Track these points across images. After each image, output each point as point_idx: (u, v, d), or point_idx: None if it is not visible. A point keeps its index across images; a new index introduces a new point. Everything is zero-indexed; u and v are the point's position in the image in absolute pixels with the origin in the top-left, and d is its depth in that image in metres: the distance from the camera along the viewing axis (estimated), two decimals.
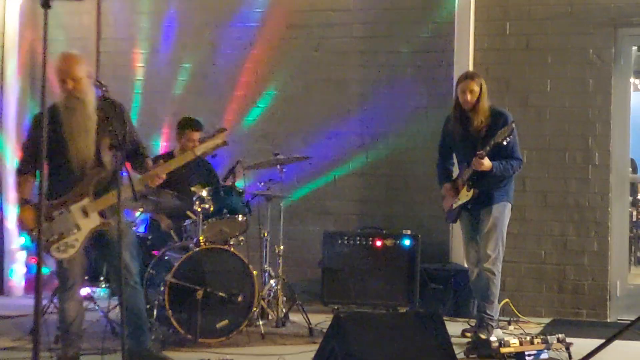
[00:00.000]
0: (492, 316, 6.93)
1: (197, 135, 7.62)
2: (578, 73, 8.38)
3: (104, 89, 5.54)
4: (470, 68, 8.45)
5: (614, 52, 8.34)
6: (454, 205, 7.06)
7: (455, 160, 7.30)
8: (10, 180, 9.10)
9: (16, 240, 9.19)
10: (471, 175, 6.88)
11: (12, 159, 9.15)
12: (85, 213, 5.74)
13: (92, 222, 5.75)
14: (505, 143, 6.71)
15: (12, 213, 9.11)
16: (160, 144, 9.25)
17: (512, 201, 7.07)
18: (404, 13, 8.86)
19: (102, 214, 5.77)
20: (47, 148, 5.53)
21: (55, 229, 5.69)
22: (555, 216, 8.41)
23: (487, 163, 6.75)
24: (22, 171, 5.81)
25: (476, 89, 6.87)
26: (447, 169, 7.27)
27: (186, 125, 7.74)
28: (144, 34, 9.45)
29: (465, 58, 8.50)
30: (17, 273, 9.20)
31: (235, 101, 9.19)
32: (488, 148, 6.71)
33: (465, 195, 6.95)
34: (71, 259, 5.75)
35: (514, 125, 6.79)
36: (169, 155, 7.12)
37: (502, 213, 6.95)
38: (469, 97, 6.88)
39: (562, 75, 8.42)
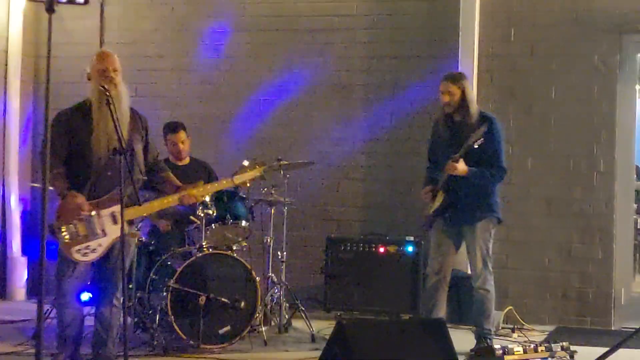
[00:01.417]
0: (490, 330, 6.85)
1: (179, 137, 7.66)
2: (583, 80, 8.36)
3: (107, 94, 5.54)
4: (475, 74, 8.45)
5: (619, 59, 8.32)
6: (430, 211, 6.84)
7: None
8: (12, 185, 9.10)
9: (18, 245, 9.18)
10: (446, 180, 6.67)
11: (15, 164, 9.15)
12: (115, 220, 5.65)
13: (119, 230, 5.60)
14: (476, 146, 6.49)
15: (15, 219, 9.11)
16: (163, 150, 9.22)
17: (498, 214, 6.84)
18: (408, 18, 8.84)
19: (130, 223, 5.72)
20: (75, 145, 5.60)
21: (81, 230, 5.61)
22: (560, 223, 8.38)
23: (461, 167, 6.54)
24: (55, 166, 5.61)
25: (455, 90, 6.68)
26: (434, 175, 6.94)
27: (165, 130, 7.79)
28: (147, 39, 9.43)
29: (470, 64, 8.48)
30: (19, 278, 9.19)
31: (239, 106, 9.18)
32: (462, 151, 6.51)
33: (439, 201, 6.74)
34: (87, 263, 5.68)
35: (497, 130, 6.64)
36: (164, 162, 7.08)
37: (487, 230, 6.77)
38: (447, 98, 6.70)
39: (567, 82, 8.40)
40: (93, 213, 5.63)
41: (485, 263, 6.76)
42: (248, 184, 6.31)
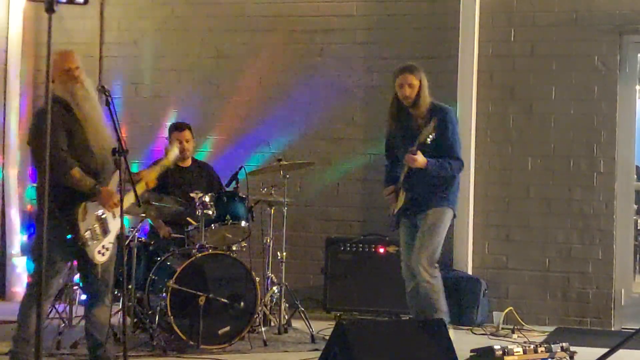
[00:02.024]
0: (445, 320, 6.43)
1: (184, 135, 7.65)
2: (583, 80, 8.36)
3: (107, 93, 5.53)
4: (475, 74, 8.45)
5: (619, 59, 8.32)
6: (394, 211, 6.64)
7: None
8: (12, 185, 9.09)
9: (17, 245, 9.17)
10: (406, 175, 6.48)
11: (15, 164, 9.14)
12: (114, 214, 5.65)
13: (117, 225, 5.64)
14: (429, 141, 6.28)
15: (14, 219, 9.11)
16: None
17: (454, 207, 6.60)
18: (408, 19, 8.84)
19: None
20: (74, 143, 5.53)
21: (99, 230, 5.58)
22: (560, 224, 8.37)
23: (420, 159, 6.31)
24: (72, 164, 5.54)
25: (415, 82, 6.47)
26: (394, 173, 6.72)
27: (171, 129, 7.79)
28: (147, 39, 9.43)
29: (470, 64, 8.47)
30: (19, 278, 9.18)
31: (239, 107, 9.17)
32: (417, 145, 6.29)
33: (402, 200, 6.54)
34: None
35: (450, 122, 6.44)
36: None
37: (440, 219, 6.47)
38: (407, 91, 6.46)
39: (567, 82, 8.40)
40: (100, 212, 5.59)
41: (430, 252, 6.42)
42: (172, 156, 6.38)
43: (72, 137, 5.56)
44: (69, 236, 5.51)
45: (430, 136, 6.28)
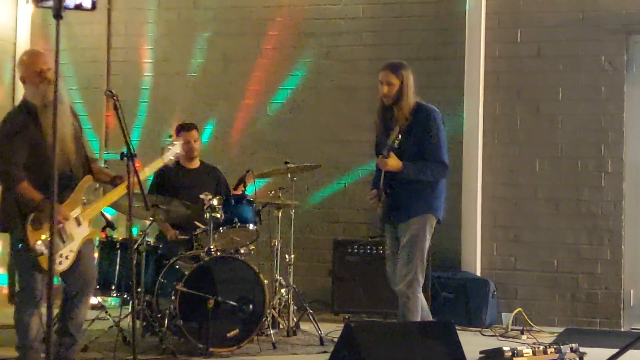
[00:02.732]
0: None
1: (192, 135, 7.64)
2: (590, 80, 8.35)
3: (114, 98, 5.52)
4: (482, 75, 8.45)
5: (627, 59, 8.31)
6: (380, 216, 6.28)
7: None
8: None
9: None
10: (385, 178, 6.12)
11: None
12: (79, 222, 5.60)
13: (84, 231, 5.60)
14: (396, 145, 5.99)
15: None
16: None
17: (437, 213, 6.18)
18: (414, 20, 8.84)
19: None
20: (34, 152, 5.41)
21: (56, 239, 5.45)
22: (568, 224, 8.36)
23: (392, 163, 6.00)
24: (19, 179, 5.42)
25: (394, 81, 6.12)
26: (379, 176, 6.28)
27: (178, 129, 7.77)
28: (154, 44, 9.46)
29: (476, 66, 8.48)
30: None
31: (246, 109, 9.19)
32: (387, 150, 6.01)
33: (383, 204, 6.20)
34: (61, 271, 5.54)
35: (434, 123, 6.09)
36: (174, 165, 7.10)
37: (422, 227, 6.10)
38: (385, 89, 6.16)
39: (574, 82, 8.39)
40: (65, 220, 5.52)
41: (412, 264, 6.06)
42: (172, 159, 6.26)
43: (32, 146, 5.45)
44: (19, 245, 5.43)
45: (397, 140, 6.01)
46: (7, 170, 5.42)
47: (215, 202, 6.87)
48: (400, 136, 6.02)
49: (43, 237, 5.37)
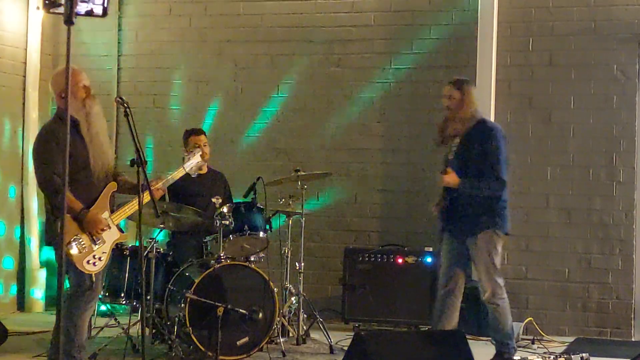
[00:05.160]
0: (508, 343, 6.67)
1: (202, 139, 7.67)
2: (602, 89, 8.32)
3: (125, 105, 5.55)
4: (493, 84, 8.42)
5: (639, 68, 8.27)
6: (439, 225, 6.73)
7: None
8: (31, 197, 9.12)
9: (36, 259, 9.20)
10: (445, 192, 6.55)
11: (34, 176, 9.16)
12: (108, 226, 5.75)
13: (114, 234, 5.77)
14: (450, 157, 6.45)
15: (34, 232, 9.13)
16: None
17: (501, 228, 6.54)
18: (425, 29, 8.83)
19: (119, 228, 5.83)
20: (72, 160, 5.54)
21: (86, 242, 5.64)
22: (579, 234, 8.33)
23: (448, 179, 6.43)
24: (63, 184, 5.62)
25: (455, 94, 6.52)
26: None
27: (188, 134, 7.80)
28: (164, 51, 9.46)
29: (488, 74, 8.45)
30: (38, 290, 9.21)
31: (256, 117, 9.19)
32: (443, 165, 6.46)
33: (441, 215, 6.63)
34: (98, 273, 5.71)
35: (492, 140, 6.41)
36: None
37: (488, 242, 6.48)
38: (445, 102, 6.56)
39: (586, 91, 8.36)
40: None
41: (489, 276, 6.50)
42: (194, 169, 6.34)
43: (74, 157, 5.60)
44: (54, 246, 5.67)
45: (452, 153, 6.39)
46: (51, 179, 5.60)
47: (225, 209, 6.87)
48: (455, 150, 6.40)
49: (81, 236, 5.61)
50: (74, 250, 5.58)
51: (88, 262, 5.63)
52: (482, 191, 6.43)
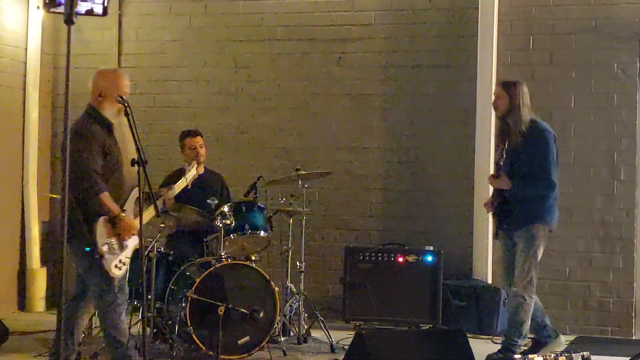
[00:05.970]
0: (517, 342, 6.68)
1: (198, 141, 7.69)
2: (603, 88, 8.32)
3: (125, 104, 5.55)
4: (493, 83, 8.40)
5: (639, 67, 8.27)
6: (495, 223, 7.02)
7: None
8: (31, 196, 9.12)
9: (37, 258, 9.20)
10: (496, 191, 6.82)
11: (34, 175, 9.17)
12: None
13: (135, 240, 5.69)
14: (501, 163, 6.66)
15: (34, 231, 9.13)
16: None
17: (548, 223, 6.73)
18: (426, 27, 8.82)
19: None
20: (107, 159, 5.60)
21: (116, 246, 5.61)
22: (580, 232, 8.33)
23: (499, 183, 6.70)
24: (101, 189, 5.56)
25: (502, 95, 6.72)
26: None
27: (183, 135, 7.81)
28: (165, 50, 9.46)
29: (488, 73, 8.45)
30: (39, 289, 9.21)
31: (257, 116, 9.18)
32: (495, 168, 6.72)
33: (494, 213, 6.92)
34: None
35: (541, 142, 6.58)
36: (180, 171, 7.10)
37: (535, 235, 6.65)
38: (495, 102, 6.81)
39: (586, 90, 8.36)
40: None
41: (527, 268, 6.61)
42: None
43: (108, 157, 5.62)
44: (87, 248, 5.55)
45: (503, 157, 6.60)
46: (92, 177, 5.54)
47: (225, 208, 6.88)
48: (506, 149, 6.59)
49: (112, 239, 5.57)
50: (107, 254, 5.53)
51: (116, 266, 5.59)
52: (531, 191, 6.63)
